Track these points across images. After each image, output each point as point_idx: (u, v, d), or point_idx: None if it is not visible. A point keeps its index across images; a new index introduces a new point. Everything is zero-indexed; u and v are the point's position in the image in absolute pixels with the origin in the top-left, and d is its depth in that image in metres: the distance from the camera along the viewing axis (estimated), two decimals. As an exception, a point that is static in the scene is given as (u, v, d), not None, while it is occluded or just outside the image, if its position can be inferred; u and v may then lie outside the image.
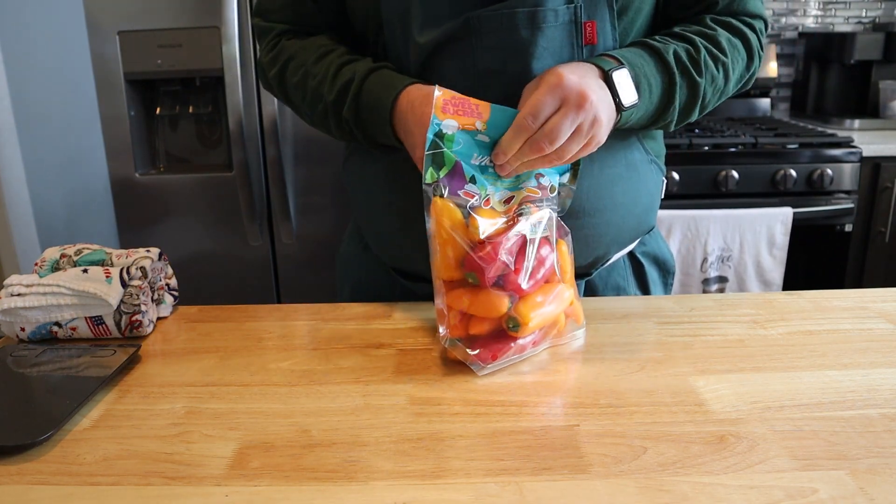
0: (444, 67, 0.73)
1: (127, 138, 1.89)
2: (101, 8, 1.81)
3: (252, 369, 0.67)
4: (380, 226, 0.86)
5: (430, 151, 0.64)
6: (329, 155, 1.81)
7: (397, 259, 0.86)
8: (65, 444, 0.54)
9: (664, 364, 0.65)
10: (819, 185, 1.91)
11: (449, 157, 0.64)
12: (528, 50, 0.71)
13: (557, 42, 0.72)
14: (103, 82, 1.87)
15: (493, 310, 0.65)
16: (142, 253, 0.78)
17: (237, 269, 1.90)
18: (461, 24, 0.72)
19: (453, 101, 0.64)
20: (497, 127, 0.65)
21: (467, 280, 0.65)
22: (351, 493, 0.48)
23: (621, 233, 0.83)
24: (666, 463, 0.50)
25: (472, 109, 0.65)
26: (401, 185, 0.80)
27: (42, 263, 0.77)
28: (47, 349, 0.69)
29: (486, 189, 0.66)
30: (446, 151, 0.64)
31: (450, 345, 0.66)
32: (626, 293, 0.88)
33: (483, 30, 0.71)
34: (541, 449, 0.52)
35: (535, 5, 0.70)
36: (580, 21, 0.72)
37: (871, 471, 0.49)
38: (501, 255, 0.64)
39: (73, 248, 0.78)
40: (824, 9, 2.44)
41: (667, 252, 0.93)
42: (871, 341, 0.69)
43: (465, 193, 0.65)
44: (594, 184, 0.77)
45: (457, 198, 0.65)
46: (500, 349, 0.65)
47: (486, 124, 0.65)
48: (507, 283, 0.65)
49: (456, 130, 0.64)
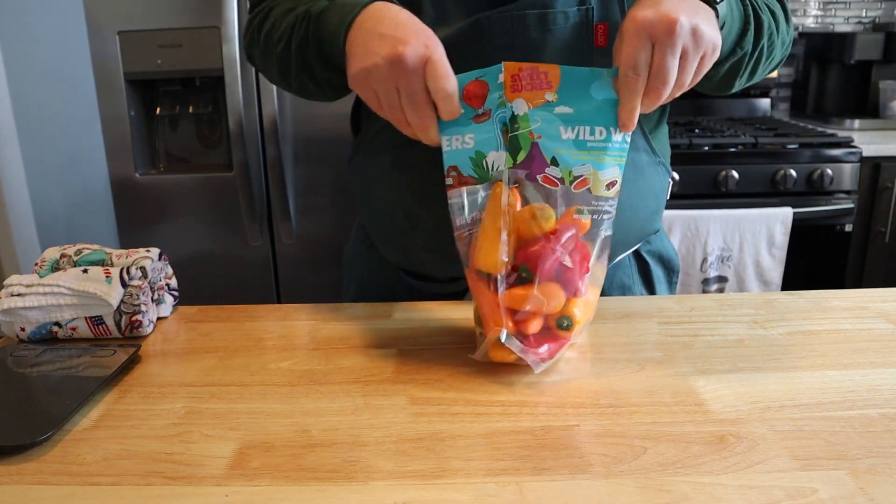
0: (454, 66, 0.73)
1: (127, 138, 1.89)
2: (101, 8, 1.81)
3: (252, 369, 0.67)
4: (385, 225, 0.85)
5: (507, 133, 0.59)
6: (329, 155, 1.81)
7: (403, 258, 0.86)
8: (65, 444, 0.54)
9: (664, 364, 0.65)
10: (819, 185, 1.91)
11: (526, 138, 0.59)
12: (537, 51, 0.71)
13: (568, 44, 0.71)
14: (103, 82, 1.87)
15: (548, 306, 0.61)
16: (142, 253, 0.78)
17: (237, 269, 1.90)
18: (472, 25, 0.71)
19: (522, 73, 0.59)
20: (571, 92, 0.59)
21: (520, 274, 0.60)
22: (351, 493, 0.48)
23: (627, 236, 0.83)
24: (666, 463, 0.50)
25: (541, 80, 0.59)
26: (406, 183, 0.80)
27: (42, 263, 0.77)
28: (47, 349, 0.69)
29: (570, 171, 0.60)
30: (522, 133, 0.59)
31: (507, 341, 0.60)
32: (632, 292, 0.88)
33: (493, 31, 0.71)
34: (541, 449, 0.52)
35: (544, 7, 0.70)
36: (592, 23, 0.71)
37: (871, 471, 0.49)
38: (559, 250, 0.60)
39: (73, 248, 0.78)
40: (824, 9, 2.44)
41: (672, 251, 0.93)
42: (871, 341, 0.69)
43: (543, 179, 0.60)
44: None
45: (535, 184, 0.59)
46: (555, 347, 0.62)
47: (556, 94, 0.59)
48: (563, 280, 0.61)
49: (527, 109, 0.59)
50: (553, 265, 0.60)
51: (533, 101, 0.60)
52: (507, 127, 0.59)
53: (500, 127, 0.60)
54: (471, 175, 0.62)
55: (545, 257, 0.59)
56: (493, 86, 0.60)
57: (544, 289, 0.60)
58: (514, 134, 0.59)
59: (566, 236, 0.60)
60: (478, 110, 0.61)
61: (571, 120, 0.60)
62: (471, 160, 0.62)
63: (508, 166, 0.59)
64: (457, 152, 0.62)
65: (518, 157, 0.59)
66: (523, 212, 0.60)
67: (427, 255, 0.83)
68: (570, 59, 0.71)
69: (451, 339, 0.72)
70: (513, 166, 0.59)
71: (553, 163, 0.60)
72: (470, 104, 0.62)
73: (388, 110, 0.63)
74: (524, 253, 0.60)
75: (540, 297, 0.60)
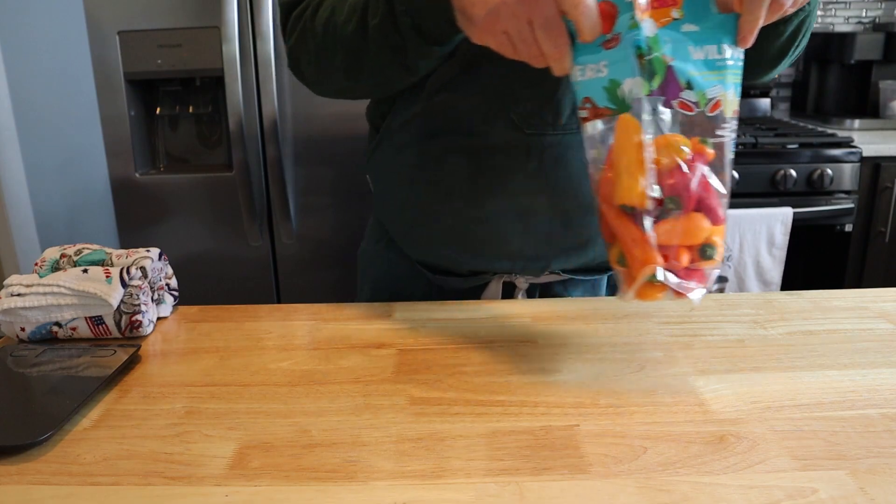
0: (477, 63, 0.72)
1: (127, 138, 1.89)
2: (101, 8, 1.81)
3: (252, 369, 0.67)
4: (406, 218, 0.85)
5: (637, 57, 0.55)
6: (329, 155, 1.81)
7: (423, 252, 0.86)
8: (65, 444, 0.54)
9: (664, 364, 0.65)
10: (819, 185, 1.91)
11: (660, 61, 0.55)
12: None
13: None
14: (103, 82, 1.87)
15: (696, 236, 0.57)
16: (142, 253, 0.78)
17: (237, 269, 1.90)
18: None
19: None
20: (694, 7, 0.56)
21: (666, 206, 0.56)
22: (351, 493, 0.48)
23: None
24: (666, 463, 0.50)
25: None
26: (426, 178, 0.79)
27: (42, 263, 0.77)
28: (47, 349, 0.69)
29: (704, 93, 0.56)
30: (656, 56, 0.55)
31: (662, 277, 0.56)
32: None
33: None
34: (541, 449, 0.52)
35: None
36: None
37: (871, 471, 0.49)
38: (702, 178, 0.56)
39: (73, 248, 0.78)
40: (824, 9, 2.44)
41: None
42: (871, 341, 0.69)
43: (679, 104, 0.56)
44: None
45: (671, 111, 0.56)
46: (702, 277, 0.59)
47: (682, 10, 0.56)
48: (705, 208, 0.57)
49: (656, 30, 0.55)
50: (696, 194, 0.57)
51: (660, 20, 0.56)
52: (640, 51, 0.55)
53: (633, 52, 0.55)
54: (607, 106, 0.58)
55: (689, 186, 0.56)
56: (622, 5, 0.56)
57: (691, 219, 0.57)
58: (649, 58, 0.55)
59: (704, 163, 0.57)
60: (607, 35, 0.57)
61: (699, 39, 0.56)
62: (605, 90, 0.58)
63: (646, 93, 0.55)
64: (590, 82, 0.58)
65: (654, 83, 0.55)
66: (657, 141, 0.57)
67: (447, 248, 0.83)
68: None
69: (452, 340, 0.72)
70: (649, 93, 0.56)
71: (688, 86, 0.56)
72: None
73: (523, 47, 0.59)
74: (664, 184, 0.56)
75: (714, 238, 0.58)
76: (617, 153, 0.57)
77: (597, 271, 0.86)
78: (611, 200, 0.59)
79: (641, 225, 0.56)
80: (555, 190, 0.77)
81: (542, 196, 0.78)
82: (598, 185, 0.60)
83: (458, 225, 0.80)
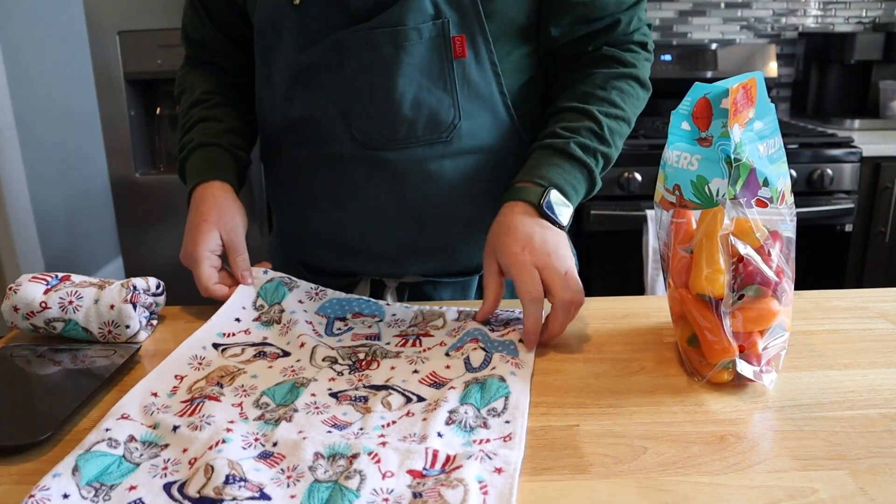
0: (318, 79, 0.77)
1: (127, 138, 1.89)
2: (101, 8, 1.81)
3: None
4: (283, 219, 0.93)
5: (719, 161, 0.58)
6: (329, 155, 1.81)
7: (297, 250, 0.92)
8: (65, 444, 0.54)
9: (664, 364, 0.65)
10: (819, 185, 1.91)
11: (745, 167, 0.58)
12: (392, 67, 0.73)
13: (425, 58, 0.74)
14: (103, 82, 1.87)
15: (769, 320, 0.60)
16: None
17: (237, 269, 1.89)
18: (331, 46, 0.75)
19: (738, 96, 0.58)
20: (760, 103, 0.60)
21: (746, 293, 0.59)
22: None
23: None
24: (666, 463, 0.50)
25: (748, 96, 0.59)
26: (296, 183, 0.86)
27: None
28: (47, 349, 0.69)
29: (776, 188, 0.60)
30: (744, 163, 0.58)
31: (741, 369, 0.59)
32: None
33: (351, 50, 0.74)
34: (541, 449, 0.52)
35: (395, 25, 0.72)
36: (449, 36, 0.73)
37: (871, 471, 0.49)
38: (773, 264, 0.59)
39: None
40: (824, 9, 2.44)
41: None
42: (871, 341, 0.69)
43: (757, 202, 0.59)
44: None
45: (750, 209, 0.59)
46: (772, 356, 0.61)
47: (755, 109, 0.59)
48: (777, 291, 0.60)
49: (741, 135, 0.58)
50: (772, 281, 0.59)
51: (742, 123, 0.59)
52: (729, 158, 0.58)
53: (723, 157, 0.59)
54: (692, 199, 0.61)
55: (766, 275, 0.59)
56: (717, 111, 0.59)
57: (764, 303, 0.59)
58: (737, 165, 0.58)
59: (774, 249, 0.60)
60: (703, 133, 0.60)
61: (764, 135, 0.61)
62: (692, 184, 0.61)
63: (731, 197, 0.58)
64: (682, 171, 0.61)
65: (738, 186, 0.59)
66: (736, 230, 0.60)
67: (318, 249, 0.89)
68: (430, 73, 0.74)
69: (451, 339, 0.72)
70: (734, 197, 0.59)
71: (765, 184, 0.60)
72: (697, 124, 0.61)
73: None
74: (743, 273, 0.59)
75: (783, 319, 0.60)
76: (698, 245, 0.60)
77: (462, 274, 0.87)
78: (687, 285, 0.61)
79: (718, 314, 0.59)
80: (403, 199, 0.80)
81: (393, 205, 0.81)
82: (668, 264, 0.64)
83: (324, 229, 0.86)
